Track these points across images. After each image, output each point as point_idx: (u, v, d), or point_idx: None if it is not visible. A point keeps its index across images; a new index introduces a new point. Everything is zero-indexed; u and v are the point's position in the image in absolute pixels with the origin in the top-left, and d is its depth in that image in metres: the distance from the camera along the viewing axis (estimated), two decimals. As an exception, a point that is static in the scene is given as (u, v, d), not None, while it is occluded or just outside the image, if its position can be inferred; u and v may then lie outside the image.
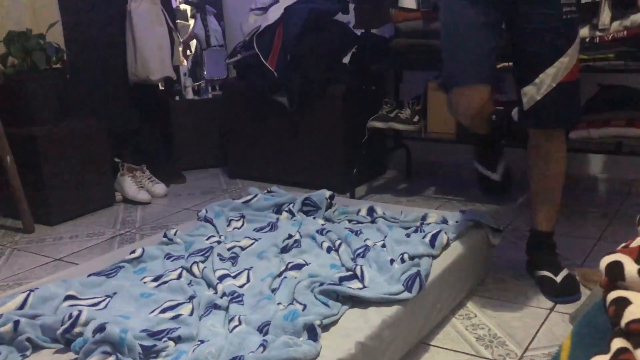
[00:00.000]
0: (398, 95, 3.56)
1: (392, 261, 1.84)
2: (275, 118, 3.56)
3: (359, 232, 2.12)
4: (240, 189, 3.64)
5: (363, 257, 1.90)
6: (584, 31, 2.71)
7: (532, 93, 1.99)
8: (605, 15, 2.66)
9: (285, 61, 3.36)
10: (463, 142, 3.20)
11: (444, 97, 3.16)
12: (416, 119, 3.26)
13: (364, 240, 2.03)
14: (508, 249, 2.59)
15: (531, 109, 2.02)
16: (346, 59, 3.60)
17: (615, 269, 1.39)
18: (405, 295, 1.69)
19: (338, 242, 1.99)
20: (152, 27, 3.57)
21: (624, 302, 1.29)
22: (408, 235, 2.08)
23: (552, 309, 2.06)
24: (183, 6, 4.33)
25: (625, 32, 2.63)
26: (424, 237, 2.00)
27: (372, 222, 2.28)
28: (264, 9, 3.56)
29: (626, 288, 1.35)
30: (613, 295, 1.33)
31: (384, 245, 2.00)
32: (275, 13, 3.45)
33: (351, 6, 3.42)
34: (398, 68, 3.47)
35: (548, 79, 1.95)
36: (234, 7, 4.28)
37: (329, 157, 3.46)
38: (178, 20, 4.18)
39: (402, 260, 1.83)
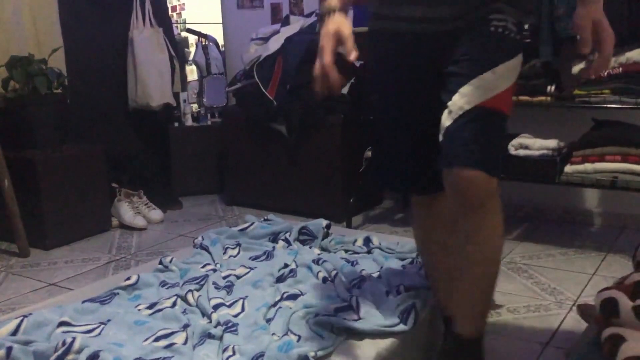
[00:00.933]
0: (396, 126, 3.58)
1: (387, 293, 1.83)
2: (273, 146, 3.58)
3: (355, 263, 2.12)
4: (237, 216, 3.64)
5: (359, 288, 1.89)
6: (580, 67, 2.76)
7: (444, 119, 1.44)
8: (601, 52, 2.70)
9: (284, 91, 3.39)
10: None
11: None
12: (413, 150, 3.27)
13: (360, 271, 2.03)
14: (503, 281, 2.59)
15: (443, 141, 1.45)
16: (345, 89, 3.63)
17: (610, 305, 1.40)
18: (401, 327, 1.68)
19: (334, 272, 1.99)
20: (153, 54, 3.61)
21: (619, 340, 1.29)
22: (404, 267, 2.08)
23: (547, 344, 2.06)
24: (184, 34, 4.39)
25: (620, 69, 2.67)
26: (420, 269, 2.00)
27: (368, 252, 2.28)
28: (265, 39, 3.61)
29: (621, 325, 1.36)
30: (608, 332, 1.34)
31: (380, 277, 1.99)
32: (275, 43, 3.50)
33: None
34: (396, 99, 3.50)
35: (462, 99, 1.41)
36: (234, 36, 4.34)
37: (326, 186, 3.48)
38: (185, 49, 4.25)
39: (398, 292, 1.83)
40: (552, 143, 2.83)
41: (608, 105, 2.71)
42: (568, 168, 2.81)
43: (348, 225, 3.29)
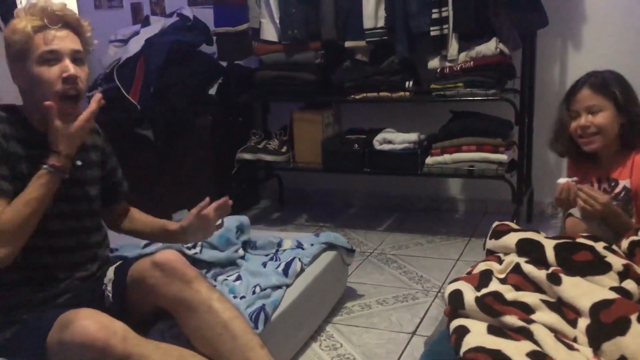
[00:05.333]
0: (266, 126, 3.58)
1: (243, 297, 1.83)
2: (140, 152, 3.44)
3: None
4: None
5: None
6: (435, 62, 2.88)
7: None
8: (453, 47, 2.83)
9: (148, 93, 3.27)
10: (330, 171, 3.26)
11: (308, 127, 3.25)
12: (284, 149, 3.29)
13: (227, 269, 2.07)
14: (374, 272, 2.66)
15: None
16: (212, 91, 3.56)
17: (456, 297, 1.46)
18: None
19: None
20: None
21: (463, 331, 1.36)
22: (264, 265, 2.08)
23: (413, 333, 2.13)
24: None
25: (471, 63, 2.82)
26: (277, 267, 2.02)
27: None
28: (124, 41, 3.47)
29: (466, 316, 1.43)
30: (455, 323, 1.40)
31: (239, 277, 1.99)
32: (136, 45, 3.37)
33: (215, 38, 3.41)
34: (264, 99, 3.49)
35: None
36: (92, 38, 4.12)
37: (199, 190, 3.38)
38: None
39: (253, 292, 1.83)
40: (413, 136, 2.94)
41: (462, 98, 2.84)
42: (429, 160, 2.93)
43: (223, 229, 3.24)
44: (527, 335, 1.32)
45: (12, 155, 1.51)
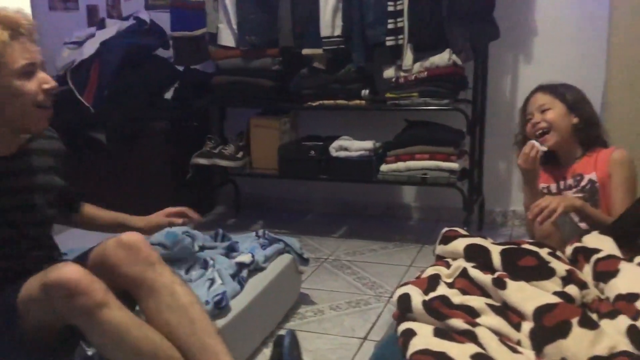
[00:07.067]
0: (222, 132, 3.57)
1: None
2: (92, 156, 3.38)
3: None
4: (54, 233, 3.40)
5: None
6: (390, 72, 2.92)
7: None
8: (408, 57, 2.88)
9: (102, 96, 3.23)
10: (286, 177, 3.27)
11: (265, 133, 3.25)
12: (240, 155, 3.28)
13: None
14: (328, 279, 2.68)
15: None
16: (168, 95, 3.54)
17: (404, 301, 1.49)
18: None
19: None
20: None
21: (410, 334, 1.39)
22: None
23: (365, 338, 2.15)
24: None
25: (426, 73, 2.87)
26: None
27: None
28: (79, 43, 3.41)
29: (414, 319, 1.46)
30: (403, 327, 1.43)
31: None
32: (90, 47, 3.32)
33: (171, 42, 3.39)
34: (221, 104, 3.48)
35: None
36: (46, 40, 4.03)
37: (152, 195, 3.34)
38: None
39: (207, 303, 1.83)
40: (369, 144, 2.98)
41: (416, 107, 2.89)
42: (384, 167, 2.97)
43: (177, 234, 3.21)
44: (472, 338, 1.35)
45: None
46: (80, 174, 3.42)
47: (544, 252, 1.66)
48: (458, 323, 1.38)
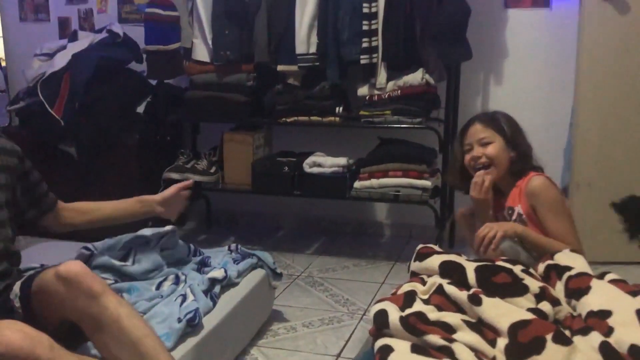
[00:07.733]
0: (195, 146, 3.54)
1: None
2: (62, 169, 3.31)
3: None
4: (24, 246, 3.32)
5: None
6: (364, 90, 2.95)
7: None
8: (382, 75, 2.92)
9: (73, 109, 3.18)
10: (259, 193, 3.26)
11: (239, 148, 3.24)
12: (213, 169, 3.26)
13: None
14: (300, 296, 2.66)
15: None
16: (140, 109, 3.51)
17: (381, 317, 1.49)
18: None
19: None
20: None
21: (387, 350, 1.38)
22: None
23: (338, 355, 2.14)
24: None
25: (399, 91, 2.90)
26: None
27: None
28: (50, 55, 3.37)
29: (391, 335, 1.46)
30: (379, 343, 1.43)
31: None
32: (62, 59, 3.27)
33: (145, 55, 3.36)
34: (194, 119, 3.46)
35: None
36: (16, 51, 3.99)
37: (123, 209, 3.31)
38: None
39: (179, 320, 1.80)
40: (342, 161, 2.99)
41: (389, 125, 2.92)
42: (357, 184, 2.98)
43: (147, 250, 3.16)
44: (448, 354, 1.36)
45: None
46: (51, 187, 3.36)
47: (517, 269, 1.68)
48: (435, 339, 1.38)
